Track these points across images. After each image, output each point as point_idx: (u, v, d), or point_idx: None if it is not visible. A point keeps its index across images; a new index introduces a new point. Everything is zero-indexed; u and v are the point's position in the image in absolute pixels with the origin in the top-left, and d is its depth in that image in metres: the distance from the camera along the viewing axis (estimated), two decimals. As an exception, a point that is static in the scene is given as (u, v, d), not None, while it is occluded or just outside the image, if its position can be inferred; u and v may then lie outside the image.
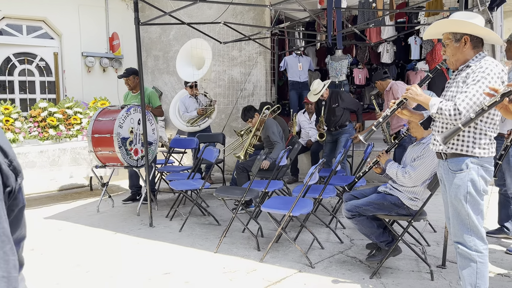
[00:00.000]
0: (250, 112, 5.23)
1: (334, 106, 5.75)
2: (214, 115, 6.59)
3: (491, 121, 2.37)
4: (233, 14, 7.69)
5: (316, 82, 5.73)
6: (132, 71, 5.55)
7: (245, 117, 5.25)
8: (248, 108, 5.31)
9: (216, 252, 3.81)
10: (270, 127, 5.11)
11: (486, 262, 2.43)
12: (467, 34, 2.42)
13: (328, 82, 5.81)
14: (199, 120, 6.52)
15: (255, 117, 5.22)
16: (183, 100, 6.65)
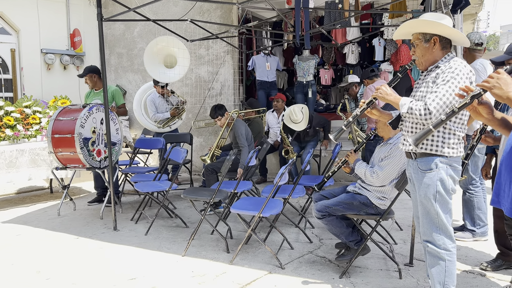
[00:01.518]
0: (221, 110, 5.16)
1: (307, 128, 5.96)
2: (185, 116, 6.44)
3: (460, 121, 2.41)
4: (200, 12, 7.57)
5: (296, 110, 5.84)
6: (89, 69, 5.35)
7: (215, 114, 5.17)
8: (218, 106, 5.22)
9: (184, 255, 3.70)
10: (238, 129, 5.04)
11: (454, 260, 2.47)
12: (437, 35, 2.45)
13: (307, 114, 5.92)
14: (170, 122, 6.36)
15: (224, 116, 5.15)
16: (153, 100, 6.39)
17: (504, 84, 1.56)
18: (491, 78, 1.60)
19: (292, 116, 5.89)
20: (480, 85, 1.65)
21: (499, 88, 1.56)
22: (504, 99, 1.55)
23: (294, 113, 5.87)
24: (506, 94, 1.54)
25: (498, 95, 1.57)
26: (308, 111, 5.94)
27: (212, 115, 5.19)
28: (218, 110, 5.15)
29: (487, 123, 1.79)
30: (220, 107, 5.18)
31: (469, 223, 3.93)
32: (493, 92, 1.58)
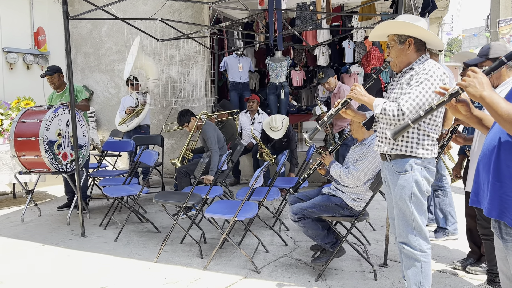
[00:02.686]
0: (186, 116, 5.05)
1: (284, 140, 6.02)
2: (143, 115, 6.23)
3: (434, 123, 2.43)
4: (170, 11, 7.43)
5: (278, 119, 5.88)
6: (57, 68, 5.13)
7: (181, 122, 5.07)
8: (183, 112, 5.11)
9: (156, 261, 3.59)
10: (207, 132, 4.95)
11: (429, 261, 2.49)
12: (411, 37, 2.46)
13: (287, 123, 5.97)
14: (127, 120, 6.21)
15: (192, 122, 5.05)
16: (123, 99, 6.46)
17: (479, 84, 1.58)
18: (468, 77, 1.62)
19: (272, 123, 5.93)
20: (458, 83, 1.66)
21: (473, 87, 1.59)
22: (477, 97, 1.57)
23: (274, 121, 5.90)
24: (479, 93, 1.57)
25: (472, 93, 1.59)
26: (288, 123, 5.99)
27: (178, 123, 5.09)
28: (183, 117, 5.05)
29: (466, 120, 1.81)
30: (184, 113, 5.07)
31: (441, 221, 4.01)
32: (467, 90, 1.61)
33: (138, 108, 6.19)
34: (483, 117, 1.81)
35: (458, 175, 3.52)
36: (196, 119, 5.07)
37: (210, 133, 4.94)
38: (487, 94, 1.55)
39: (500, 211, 1.60)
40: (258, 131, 6.61)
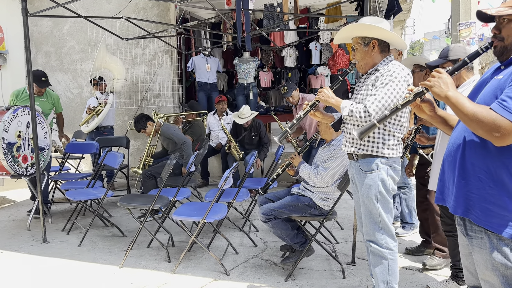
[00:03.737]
0: (141, 122, 4.94)
1: (253, 135, 6.05)
2: (102, 115, 6.03)
3: (399, 123, 2.48)
4: (135, 10, 7.27)
5: (247, 108, 6.00)
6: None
7: (137, 128, 4.96)
8: (138, 117, 4.98)
9: (121, 266, 3.49)
10: (168, 131, 4.85)
11: (396, 259, 2.53)
12: (375, 39, 2.51)
13: (255, 114, 6.09)
14: (88, 120, 6.04)
15: (149, 127, 4.95)
16: (89, 101, 6.28)
17: (444, 84, 1.61)
18: (433, 77, 1.65)
19: (240, 111, 6.00)
20: (423, 83, 1.69)
21: (439, 87, 1.62)
22: (442, 97, 1.60)
23: (243, 109, 5.97)
24: (444, 93, 1.60)
25: (437, 93, 1.62)
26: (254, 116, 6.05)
27: (135, 129, 4.99)
28: (138, 124, 4.94)
29: (430, 120, 1.85)
30: (139, 119, 4.96)
31: (408, 217, 4.14)
32: (433, 90, 1.64)
33: (98, 107, 6.00)
34: (447, 116, 1.85)
35: (411, 173, 3.64)
36: (153, 123, 4.96)
37: (171, 131, 4.85)
38: (452, 94, 1.58)
39: (466, 209, 1.64)
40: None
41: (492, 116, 1.47)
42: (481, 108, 1.52)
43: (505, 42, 1.63)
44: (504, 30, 1.62)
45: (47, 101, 5.19)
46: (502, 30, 1.63)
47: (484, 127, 1.48)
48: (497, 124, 1.46)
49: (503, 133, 1.46)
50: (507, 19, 1.60)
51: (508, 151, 1.54)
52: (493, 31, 1.67)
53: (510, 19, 1.60)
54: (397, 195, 4.23)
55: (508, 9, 1.59)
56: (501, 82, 1.58)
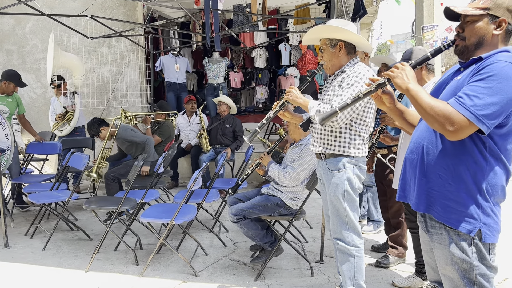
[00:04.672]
0: (93, 128, 4.78)
1: (228, 126, 6.09)
2: (74, 121, 5.83)
3: (364, 123, 2.53)
4: (102, 8, 7.11)
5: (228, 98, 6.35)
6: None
7: (90, 133, 4.85)
8: (90, 123, 4.80)
9: (88, 270, 3.41)
10: (125, 134, 4.73)
11: (362, 256, 2.59)
12: (342, 40, 2.55)
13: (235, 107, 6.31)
14: (59, 126, 5.84)
15: (103, 132, 4.79)
16: (52, 100, 6.00)
17: (406, 76, 1.65)
18: (396, 69, 1.68)
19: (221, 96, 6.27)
20: (386, 73, 1.72)
21: (401, 78, 1.65)
22: (404, 89, 1.64)
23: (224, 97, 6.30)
24: (405, 85, 1.63)
25: (399, 84, 1.65)
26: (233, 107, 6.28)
27: (89, 135, 4.88)
28: (90, 130, 4.81)
29: (389, 112, 1.89)
30: (91, 124, 4.80)
31: (374, 215, 4.23)
32: (395, 81, 1.67)
33: (67, 115, 5.80)
34: (405, 110, 1.90)
35: (370, 169, 3.72)
36: (107, 128, 4.80)
37: (129, 133, 4.74)
38: (413, 87, 1.62)
39: (427, 205, 1.69)
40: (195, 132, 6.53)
41: (448, 111, 1.52)
42: (438, 102, 1.56)
43: (467, 42, 1.69)
44: (467, 30, 1.68)
45: (13, 102, 5.06)
46: (465, 30, 1.69)
47: (439, 120, 1.53)
48: (452, 119, 1.51)
49: (457, 127, 1.51)
50: (471, 20, 1.66)
51: (466, 149, 1.60)
52: (457, 30, 1.72)
53: (474, 20, 1.66)
54: (364, 193, 4.33)
55: (474, 10, 1.65)
56: (459, 82, 1.64)
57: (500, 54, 1.58)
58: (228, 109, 6.25)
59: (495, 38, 1.65)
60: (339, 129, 2.52)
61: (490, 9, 1.63)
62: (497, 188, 1.61)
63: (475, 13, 1.65)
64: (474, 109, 1.49)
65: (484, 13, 1.64)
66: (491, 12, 1.63)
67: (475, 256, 1.61)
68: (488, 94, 1.50)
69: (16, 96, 5.18)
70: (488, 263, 1.62)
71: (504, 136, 1.58)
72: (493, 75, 1.51)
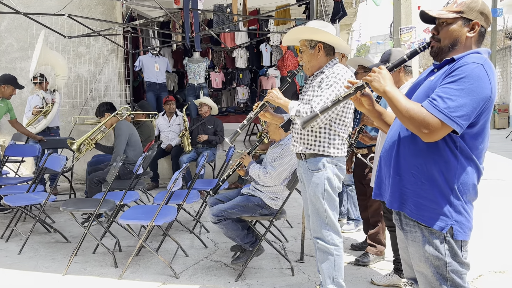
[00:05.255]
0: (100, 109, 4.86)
1: (209, 127, 6.13)
2: (51, 116, 5.77)
3: (343, 123, 2.57)
4: (79, 7, 6.99)
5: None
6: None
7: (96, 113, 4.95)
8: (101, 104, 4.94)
9: (65, 274, 3.35)
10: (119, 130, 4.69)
11: (341, 255, 2.62)
12: (321, 42, 2.58)
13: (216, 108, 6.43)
14: (34, 122, 5.74)
15: (105, 116, 4.81)
16: (29, 99, 5.96)
17: (383, 79, 1.69)
18: (373, 73, 1.72)
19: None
20: (364, 78, 1.76)
21: (378, 81, 1.69)
22: (381, 92, 1.68)
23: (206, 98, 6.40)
24: (383, 88, 1.67)
25: (376, 87, 1.69)
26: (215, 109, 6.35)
27: (96, 114, 4.85)
28: (98, 109, 4.85)
29: (368, 113, 1.92)
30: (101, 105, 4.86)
31: (353, 213, 4.28)
32: (372, 84, 1.70)
33: (46, 108, 5.72)
34: (383, 112, 1.94)
35: (349, 170, 3.77)
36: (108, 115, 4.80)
37: (121, 133, 4.67)
38: (390, 89, 1.66)
39: (401, 203, 1.73)
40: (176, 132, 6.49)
41: (423, 113, 1.56)
42: (414, 105, 1.60)
43: (441, 43, 1.73)
44: (442, 32, 1.73)
45: (4, 106, 5.03)
46: (440, 32, 1.74)
47: (415, 123, 1.57)
48: (427, 121, 1.55)
49: (431, 129, 1.55)
50: (446, 22, 1.71)
51: (438, 149, 1.64)
52: (432, 32, 1.77)
53: (448, 22, 1.71)
54: (344, 192, 4.38)
55: (448, 13, 1.70)
56: (432, 83, 1.69)
57: (471, 55, 1.63)
58: (209, 110, 6.25)
59: (469, 40, 1.70)
60: (318, 129, 2.55)
61: (463, 12, 1.68)
62: (468, 187, 1.65)
63: (449, 16, 1.70)
64: (448, 111, 1.53)
65: (458, 16, 1.69)
66: (465, 15, 1.68)
67: (448, 253, 1.65)
68: (460, 95, 1.54)
69: (8, 102, 5.16)
70: (460, 260, 1.66)
71: (475, 136, 1.63)
72: (465, 76, 1.56)
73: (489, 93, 1.57)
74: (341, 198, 4.42)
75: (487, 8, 1.71)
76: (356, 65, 3.69)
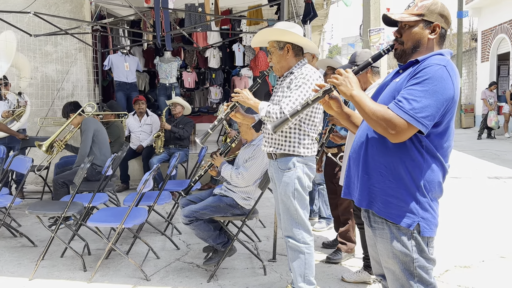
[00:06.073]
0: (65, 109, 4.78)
1: (181, 127, 6.06)
2: (25, 118, 5.63)
3: (312, 123, 2.60)
4: (46, 4, 6.79)
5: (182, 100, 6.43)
6: None
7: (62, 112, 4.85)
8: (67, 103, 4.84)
9: (32, 278, 3.25)
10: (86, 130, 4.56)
11: (312, 253, 2.66)
12: (289, 43, 2.61)
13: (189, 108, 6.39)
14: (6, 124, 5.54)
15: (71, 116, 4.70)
16: None
17: (350, 83, 1.72)
18: (340, 75, 1.75)
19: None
20: (330, 81, 1.78)
21: (345, 86, 1.73)
22: (348, 96, 1.71)
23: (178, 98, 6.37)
24: (349, 92, 1.71)
25: (343, 91, 1.72)
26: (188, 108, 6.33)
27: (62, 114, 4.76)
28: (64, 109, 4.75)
29: (336, 116, 1.96)
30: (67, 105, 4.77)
31: (324, 211, 4.34)
32: (340, 89, 1.74)
33: (19, 110, 5.52)
34: (351, 114, 1.99)
35: (320, 169, 3.82)
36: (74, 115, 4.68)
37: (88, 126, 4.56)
38: (357, 93, 1.70)
39: (369, 201, 1.76)
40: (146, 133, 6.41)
41: (389, 115, 1.61)
42: (380, 107, 1.65)
43: (405, 46, 1.79)
44: (405, 35, 1.78)
45: None
46: (403, 35, 1.79)
47: (382, 125, 1.61)
48: (393, 123, 1.59)
49: (398, 130, 1.60)
50: (408, 25, 1.76)
51: (404, 148, 1.68)
52: (395, 35, 1.82)
53: (410, 25, 1.76)
54: (316, 191, 4.43)
55: (410, 16, 1.75)
56: (398, 84, 1.73)
57: (434, 57, 1.68)
58: (183, 110, 6.19)
59: (431, 42, 1.76)
60: (288, 129, 2.57)
61: (424, 15, 1.74)
62: (434, 184, 1.70)
63: (411, 19, 1.75)
64: (413, 112, 1.58)
65: (419, 19, 1.74)
66: (425, 17, 1.74)
67: (415, 249, 1.69)
68: (424, 96, 1.59)
69: None
70: (426, 256, 1.71)
71: (440, 135, 1.68)
72: (428, 78, 1.61)
73: (452, 94, 1.63)
74: (313, 197, 4.48)
75: (447, 10, 1.77)
76: (325, 66, 3.74)
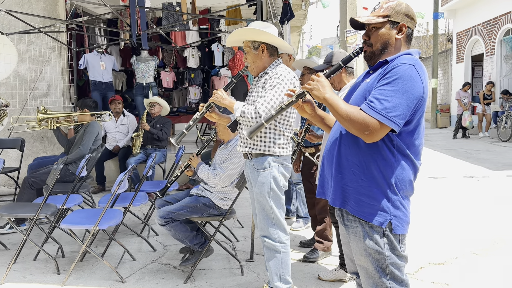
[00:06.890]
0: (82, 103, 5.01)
1: (159, 127, 6.03)
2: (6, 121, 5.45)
3: (287, 123, 2.62)
4: (19, 2, 6.61)
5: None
6: None
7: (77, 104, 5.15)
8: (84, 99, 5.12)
9: (3, 282, 3.17)
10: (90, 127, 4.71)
11: (288, 252, 2.67)
12: (264, 43, 2.62)
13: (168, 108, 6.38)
14: None
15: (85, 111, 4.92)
16: None
17: (322, 87, 1.75)
18: (312, 81, 1.77)
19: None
20: (304, 87, 1.81)
21: (317, 90, 1.75)
22: (321, 99, 1.74)
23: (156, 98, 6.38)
24: (322, 95, 1.73)
25: (317, 95, 1.75)
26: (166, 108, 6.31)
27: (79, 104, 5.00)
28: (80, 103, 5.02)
29: (311, 118, 1.99)
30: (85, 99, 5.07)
31: (301, 210, 4.37)
32: (313, 93, 1.77)
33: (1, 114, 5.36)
34: (325, 116, 2.02)
35: (298, 169, 3.85)
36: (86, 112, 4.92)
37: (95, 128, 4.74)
38: (329, 96, 1.72)
39: (343, 200, 1.78)
40: (123, 133, 6.32)
41: (362, 116, 1.63)
42: (353, 108, 1.67)
43: (374, 47, 1.82)
44: (373, 37, 1.81)
45: None
46: (371, 37, 1.82)
47: (355, 126, 1.64)
48: (367, 123, 1.62)
49: (371, 131, 1.62)
50: (375, 27, 1.79)
51: (376, 147, 1.71)
52: (364, 37, 1.85)
53: (377, 27, 1.79)
54: (293, 191, 4.45)
55: (376, 18, 1.78)
56: (368, 85, 1.76)
57: (403, 57, 1.72)
58: (161, 109, 6.14)
59: (398, 42, 1.80)
60: (264, 129, 2.58)
61: (390, 16, 1.78)
62: (405, 183, 1.73)
63: (377, 21, 1.78)
64: (385, 112, 1.61)
65: (385, 20, 1.78)
66: (391, 18, 1.78)
67: (387, 246, 1.72)
68: (395, 96, 1.62)
69: None
70: (399, 253, 1.74)
71: (411, 133, 1.71)
72: (398, 77, 1.64)
73: (421, 92, 1.66)
74: (291, 196, 4.50)
75: (412, 10, 1.82)
76: (301, 67, 3.77)
